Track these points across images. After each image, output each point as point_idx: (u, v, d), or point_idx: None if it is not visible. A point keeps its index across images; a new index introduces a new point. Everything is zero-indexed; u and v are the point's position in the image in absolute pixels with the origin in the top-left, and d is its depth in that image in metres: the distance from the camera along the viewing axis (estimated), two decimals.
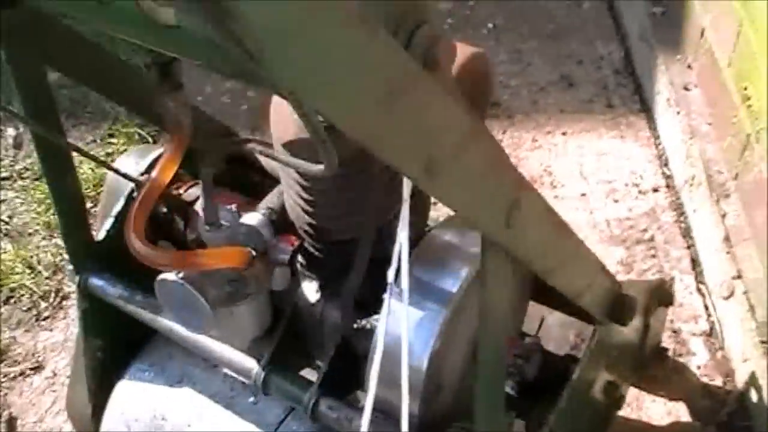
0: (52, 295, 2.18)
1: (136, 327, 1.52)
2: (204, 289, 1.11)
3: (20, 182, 2.45)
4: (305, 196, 1.15)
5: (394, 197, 1.12)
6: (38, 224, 2.34)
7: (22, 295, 2.17)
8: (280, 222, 1.23)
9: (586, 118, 2.58)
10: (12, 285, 2.18)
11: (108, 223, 1.46)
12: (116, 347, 1.53)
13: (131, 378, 1.50)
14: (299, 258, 1.29)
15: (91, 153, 1.38)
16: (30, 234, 2.33)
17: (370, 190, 1.11)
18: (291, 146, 1.08)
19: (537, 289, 1.44)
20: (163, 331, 1.38)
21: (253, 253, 1.10)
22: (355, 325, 1.20)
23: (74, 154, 1.38)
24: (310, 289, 1.28)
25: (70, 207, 1.40)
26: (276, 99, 1.13)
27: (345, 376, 1.26)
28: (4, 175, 2.47)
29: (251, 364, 1.29)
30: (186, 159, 1.18)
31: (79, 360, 1.54)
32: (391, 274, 1.03)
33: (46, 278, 2.21)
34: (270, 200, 1.25)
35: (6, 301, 2.16)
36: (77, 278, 1.44)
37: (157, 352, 1.52)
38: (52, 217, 2.33)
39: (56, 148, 1.33)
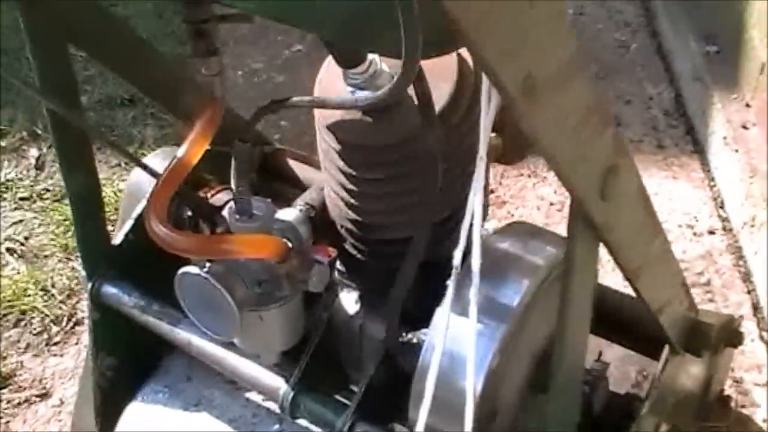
0: (65, 319, 2.04)
1: (151, 345, 1.39)
2: (231, 286, 0.97)
3: (40, 203, 2.33)
4: (350, 186, 1.02)
5: (451, 193, 0.99)
6: (55, 246, 2.22)
7: (33, 318, 2.04)
8: (318, 220, 1.09)
9: (636, 158, 2.43)
10: (23, 307, 2.05)
11: (127, 226, 1.34)
12: (128, 365, 1.39)
13: (144, 400, 1.36)
14: (337, 265, 1.15)
15: (121, 150, 1.25)
16: (46, 256, 2.21)
17: (424, 181, 0.97)
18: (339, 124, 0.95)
19: (595, 319, 1.30)
20: (182, 344, 1.24)
21: (290, 244, 0.96)
22: (401, 339, 1.06)
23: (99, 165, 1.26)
24: (349, 300, 1.14)
25: (86, 203, 1.28)
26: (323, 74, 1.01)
27: (385, 399, 1.11)
28: (23, 195, 2.36)
29: (278, 383, 1.14)
30: (214, 164, 1.06)
31: (87, 378, 1.40)
32: (453, 276, 0.89)
33: (60, 302, 2.08)
34: (309, 196, 1.11)
35: (15, 324, 2.03)
36: (89, 285, 1.31)
37: (173, 372, 1.38)
38: (70, 239, 2.21)
39: (74, 136, 1.21)
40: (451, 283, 1.04)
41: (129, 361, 1.39)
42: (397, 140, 0.96)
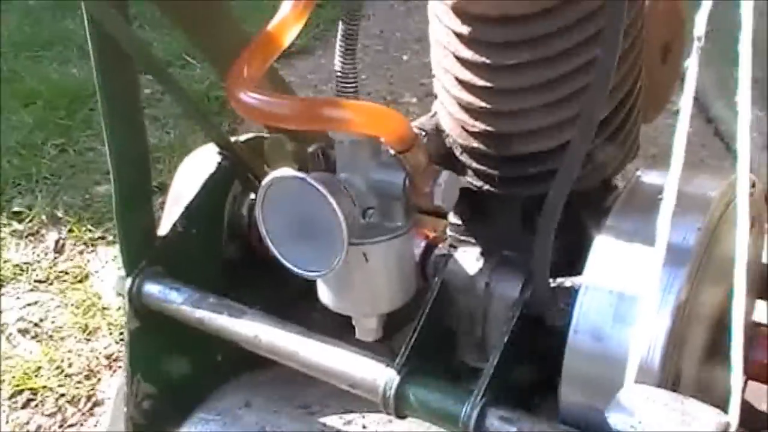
0: (83, 400, 1.76)
1: (201, 370, 1.13)
2: (339, 199, 0.73)
3: (57, 285, 2.10)
4: (482, 83, 0.80)
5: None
6: (74, 327, 1.96)
7: (46, 399, 1.75)
8: (432, 149, 0.86)
9: None
10: (34, 386, 1.77)
11: (176, 213, 1.10)
12: (171, 394, 1.12)
13: (190, 430, 1.07)
14: (451, 218, 0.91)
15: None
16: (63, 338, 1.94)
17: (585, 63, 0.76)
18: None
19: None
20: (247, 340, 0.97)
21: (417, 130, 0.73)
22: (552, 283, 0.80)
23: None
24: (468, 257, 0.89)
25: (131, 180, 1.05)
26: None
27: (519, 375, 0.85)
28: (40, 278, 2.12)
29: (377, 369, 0.87)
30: None
31: (119, 411, 1.12)
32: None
33: (77, 383, 1.80)
34: (421, 121, 0.89)
35: (25, 405, 1.74)
36: (128, 283, 1.06)
37: (228, 398, 1.11)
38: (90, 319, 1.97)
39: (124, 95, 1.01)
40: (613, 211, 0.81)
41: (172, 389, 1.12)
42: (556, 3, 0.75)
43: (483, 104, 0.80)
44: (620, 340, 0.77)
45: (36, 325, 1.97)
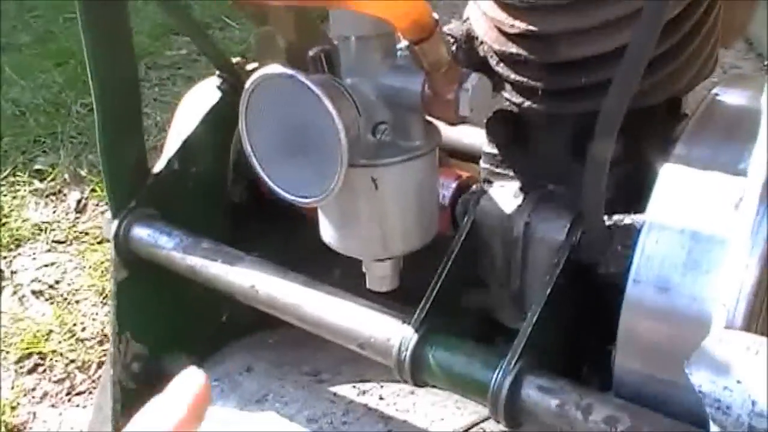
0: (93, 366, 1.64)
1: (195, 325, 0.99)
2: (339, 107, 0.58)
3: (76, 246, 1.98)
4: None
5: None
6: (90, 290, 1.85)
7: (55, 364, 1.64)
8: (463, 58, 0.70)
9: None
10: (42, 351, 1.65)
11: (172, 148, 0.96)
12: (163, 354, 0.98)
13: None
14: (486, 148, 0.75)
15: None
16: (78, 301, 1.83)
17: None
18: None
19: None
20: (242, 291, 0.83)
21: (437, 18, 0.57)
22: (607, 221, 0.64)
23: None
24: (504, 193, 0.73)
25: (117, 108, 0.91)
26: None
27: (563, 338, 0.69)
28: (59, 238, 2.01)
29: (391, 325, 0.72)
30: None
31: (107, 376, 0.99)
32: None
33: (89, 348, 1.68)
34: (451, 27, 0.73)
35: (32, 370, 1.63)
36: (114, 225, 0.92)
37: (227, 363, 0.97)
38: (107, 282, 1.84)
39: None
40: (684, 135, 0.65)
41: (165, 350, 0.98)
42: None
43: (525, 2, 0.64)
44: (693, 291, 0.61)
45: (51, 287, 1.86)
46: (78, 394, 1.58)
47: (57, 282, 1.88)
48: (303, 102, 0.58)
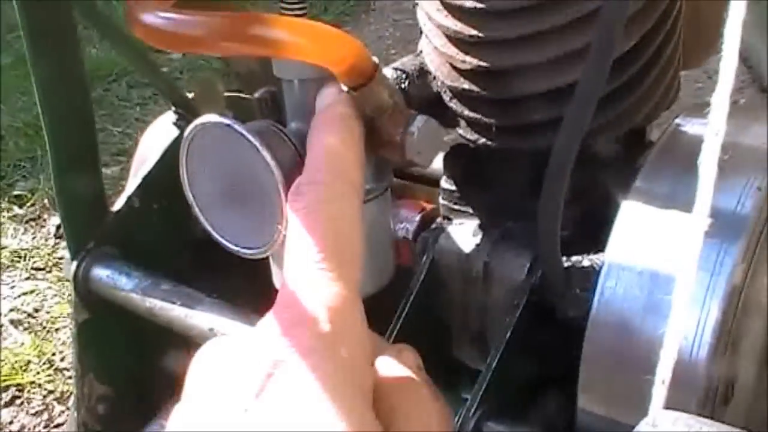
0: (72, 397, 1.61)
1: (161, 364, 0.97)
2: (276, 152, 0.56)
3: (56, 272, 1.96)
4: (470, 3, 0.62)
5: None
6: (69, 318, 1.82)
7: (33, 396, 1.61)
8: (413, 96, 0.68)
9: None
10: (20, 382, 1.63)
11: (132, 186, 0.94)
12: (128, 395, 0.96)
13: None
14: (444, 184, 0.73)
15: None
16: (57, 329, 1.80)
17: None
18: None
19: None
20: (201, 333, 0.81)
21: (377, 62, 0.55)
22: (566, 263, 0.62)
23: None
24: (463, 232, 0.71)
25: (72, 143, 0.89)
26: None
27: (523, 375, 0.67)
28: (38, 265, 1.99)
29: None
30: None
31: (72, 419, 0.97)
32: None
33: (69, 377, 1.65)
34: (404, 62, 0.71)
35: (10, 402, 1.60)
36: (73, 266, 0.90)
37: None
38: None
39: (57, 34, 0.85)
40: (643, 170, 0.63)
41: (130, 391, 0.96)
42: None
43: (474, 32, 0.62)
44: (652, 336, 0.58)
45: (30, 315, 1.84)
46: (56, 426, 1.56)
47: (36, 310, 1.86)
48: (241, 151, 0.56)
